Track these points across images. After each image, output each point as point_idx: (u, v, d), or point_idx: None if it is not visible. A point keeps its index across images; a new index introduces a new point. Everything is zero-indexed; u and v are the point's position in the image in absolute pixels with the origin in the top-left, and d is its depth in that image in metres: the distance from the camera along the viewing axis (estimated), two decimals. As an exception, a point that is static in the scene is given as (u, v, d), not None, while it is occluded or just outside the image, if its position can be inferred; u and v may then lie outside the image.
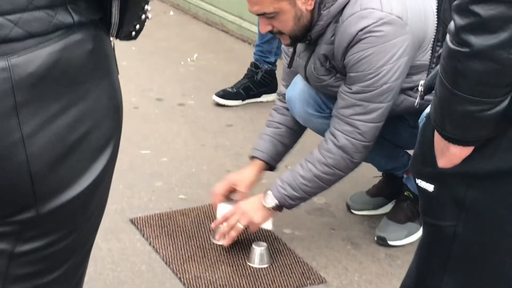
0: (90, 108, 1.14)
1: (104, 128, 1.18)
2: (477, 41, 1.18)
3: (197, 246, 2.72)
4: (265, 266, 2.63)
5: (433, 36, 1.47)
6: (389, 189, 3.03)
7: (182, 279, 2.52)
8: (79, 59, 1.12)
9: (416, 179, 1.46)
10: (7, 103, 1.06)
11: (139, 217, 2.89)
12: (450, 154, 1.35)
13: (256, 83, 4.05)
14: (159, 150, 3.49)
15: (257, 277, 2.55)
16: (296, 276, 2.57)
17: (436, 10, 1.46)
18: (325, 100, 2.80)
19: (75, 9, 1.11)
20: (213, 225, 2.70)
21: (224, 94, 4.01)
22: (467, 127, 1.30)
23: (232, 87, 4.05)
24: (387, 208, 3.01)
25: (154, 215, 2.91)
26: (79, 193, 1.16)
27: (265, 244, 2.67)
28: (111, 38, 1.24)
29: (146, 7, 1.27)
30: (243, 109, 3.99)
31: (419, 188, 1.46)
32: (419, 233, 2.86)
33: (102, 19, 1.20)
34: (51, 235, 1.18)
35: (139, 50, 4.78)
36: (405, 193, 2.92)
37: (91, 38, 1.14)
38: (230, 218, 2.62)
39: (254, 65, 4.08)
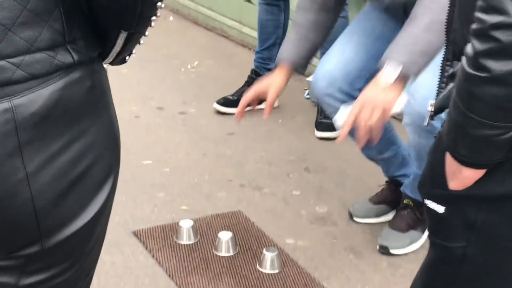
0: (91, 143, 1.16)
1: (105, 161, 1.20)
2: (497, 66, 1.18)
3: (200, 258, 2.73)
4: (276, 271, 2.64)
5: (443, 56, 1.45)
6: (392, 197, 3.04)
7: (186, 292, 2.54)
8: (79, 97, 1.14)
9: (425, 200, 1.46)
10: (11, 143, 1.08)
11: (142, 229, 2.91)
12: (462, 177, 1.34)
13: (257, 90, 4.05)
14: (161, 160, 3.50)
15: (260, 289, 2.56)
16: (299, 288, 2.59)
17: (445, 30, 1.45)
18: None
19: (75, 48, 1.13)
20: (346, 127, 2.33)
21: (225, 102, 4.02)
22: (481, 151, 1.29)
23: (232, 95, 4.06)
24: (390, 216, 3.02)
25: (157, 227, 2.92)
26: (82, 226, 1.18)
27: (276, 250, 2.68)
28: (105, 65, 1.26)
29: (147, 33, 1.29)
30: (244, 117, 3.99)
31: (427, 209, 1.46)
32: (421, 241, 2.87)
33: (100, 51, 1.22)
34: (55, 267, 1.19)
35: (140, 57, 4.74)
36: (405, 201, 2.93)
37: (90, 74, 1.16)
38: (360, 113, 2.27)
39: (254, 72, 4.09)
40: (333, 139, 3.74)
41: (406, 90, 2.55)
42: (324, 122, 3.78)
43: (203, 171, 3.42)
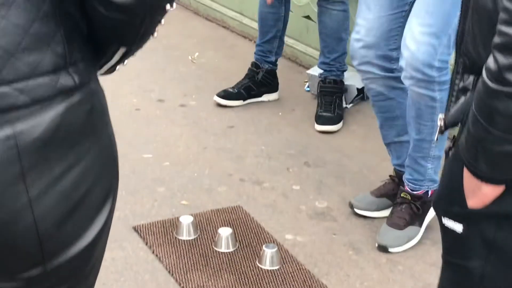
0: (91, 165, 1.16)
1: (104, 181, 1.20)
2: None
3: (200, 254, 2.74)
4: (276, 268, 2.66)
5: (453, 68, 1.42)
6: (395, 191, 3.04)
7: (185, 289, 2.55)
8: (79, 120, 1.14)
9: (442, 218, 1.42)
10: (14, 169, 1.09)
11: (142, 225, 2.92)
12: (481, 194, 1.31)
13: (257, 83, 4.06)
14: (161, 154, 3.51)
15: (259, 286, 2.58)
16: (298, 284, 2.60)
17: (454, 42, 1.43)
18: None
19: (76, 71, 1.14)
20: None
21: (225, 95, 4.02)
22: (503, 167, 1.26)
23: (233, 87, 4.06)
24: (391, 210, 3.03)
25: (157, 222, 2.94)
26: (84, 247, 1.19)
27: (275, 246, 2.70)
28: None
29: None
30: (244, 110, 4.00)
31: (444, 228, 1.42)
32: (419, 236, 2.89)
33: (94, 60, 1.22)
34: None
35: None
36: (402, 195, 2.94)
37: (89, 96, 1.16)
38: None
39: (254, 65, 4.08)
40: (333, 132, 3.76)
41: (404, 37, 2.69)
42: (324, 116, 3.79)
43: (203, 165, 3.42)
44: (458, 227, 1.37)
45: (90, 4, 1.16)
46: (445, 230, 1.42)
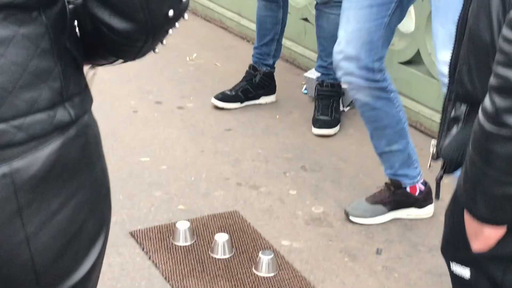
0: (86, 198, 1.17)
1: (98, 213, 1.21)
2: None
3: (196, 260, 2.75)
4: (272, 275, 2.67)
5: (444, 94, 1.42)
6: (390, 198, 3.06)
7: (182, 296, 2.57)
8: (75, 154, 1.15)
9: (450, 263, 1.40)
10: (10, 207, 1.09)
11: (139, 230, 2.93)
12: (484, 237, 1.29)
13: (255, 86, 4.07)
14: (158, 157, 3.52)
15: (255, 293, 2.59)
16: (294, 291, 2.61)
17: (449, 68, 1.40)
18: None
19: (72, 105, 1.14)
20: None
21: (223, 97, 4.03)
22: (504, 209, 1.24)
23: (230, 90, 4.07)
24: (386, 217, 3.05)
25: (154, 227, 2.95)
26: (80, 278, 1.20)
27: (271, 253, 2.71)
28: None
29: None
30: (242, 112, 4.01)
31: (453, 275, 1.40)
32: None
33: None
34: None
35: (138, 49, 4.78)
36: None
37: (84, 129, 1.17)
38: None
39: (252, 68, 4.09)
40: (330, 136, 3.77)
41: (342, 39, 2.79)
42: (321, 119, 3.80)
43: (200, 168, 3.43)
44: (466, 273, 1.35)
45: (95, 26, 1.17)
46: (454, 276, 1.40)
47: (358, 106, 2.95)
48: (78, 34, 1.20)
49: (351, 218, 3.03)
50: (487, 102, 1.17)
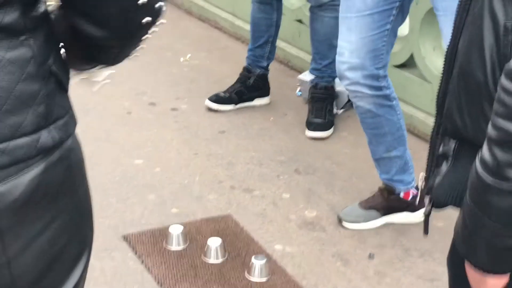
0: (68, 220, 1.17)
1: (80, 235, 1.21)
2: None
3: (189, 265, 2.75)
4: (265, 279, 2.67)
5: (432, 132, 1.38)
6: (383, 203, 3.07)
7: (174, 301, 2.57)
8: (58, 178, 1.14)
9: None
10: None
11: (132, 234, 2.93)
12: (487, 287, 1.26)
13: (249, 88, 4.07)
14: (152, 159, 3.52)
15: (248, 298, 2.60)
16: (286, 297, 2.62)
17: (437, 101, 1.37)
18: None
19: (56, 129, 1.14)
20: None
21: (216, 99, 4.03)
22: (506, 259, 1.22)
23: (224, 92, 4.07)
24: (379, 222, 3.06)
25: (147, 231, 2.95)
26: None
27: (264, 257, 2.71)
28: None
29: None
30: (235, 114, 4.01)
31: None
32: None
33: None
34: None
35: (133, 49, 4.78)
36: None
37: (68, 153, 1.17)
38: None
39: (246, 70, 4.10)
40: (324, 138, 3.77)
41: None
42: (315, 122, 3.80)
43: (194, 171, 3.44)
44: None
45: (72, 33, 1.18)
46: None
47: (360, 113, 2.94)
48: (64, 57, 1.21)
49: (344, 224, 3.04)
50: (486, 154, 1.14)
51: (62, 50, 1.20)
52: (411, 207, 3.06)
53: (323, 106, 3.85)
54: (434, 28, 3.53)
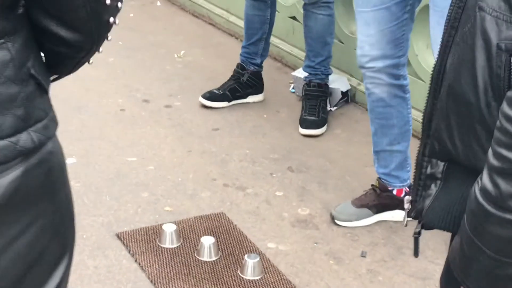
0: (48, 224, 1.18)
1: (61, 239, 1.22)
2: None
3: (182, 263, 2.76)
4: (257, 278, 2.68)
5: (418, 148, 1.36)
6: (375, 201, 3.08)
7: (167, 299, 2.58)
8: (37, 181, 1.15)
9: None
10: None
11: (125, 232, 2.93)
12: None
13: (242, 85, 4.07)
14: (146, 157, 3.52)
15: (240, 296, 2.61)
16: (279, 295, 2.63)
17: (423, 120, 1.34)
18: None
19: (35, 131, 1.14)
20: None
21: (210, 96, 4.04)
22: (506, 286, 1.19)
23: (218, 89, 4.07)
24: (372, 220, 3.07)
25: (140, 229, 2.96)
26: None
27: (257, 256, 2.72)
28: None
29: None
30: (229, 111, 4.02)
31: None
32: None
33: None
34: None
35: (126, 45, 4.78)
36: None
37: (48, 156, 1.17)
38: None
39: (240, 67, 4.10)
40: (317, 136, 3.78)
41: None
42: (308, 119, 3.81)
43: (188, 169, 3.44)
44: None
45: (52, 33, 1.18)
46: None
47: (372, 101, 2.95)
48: (44, 60, 1.21)
49: (337, 222, 3.05)
50: (487, 183, 1.11)
51: (42, 53, 1.20)
52: (403, 204, 3.07)
53: (316, 103, 3.86)
54: (427, 26, 3.53)
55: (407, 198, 1.39)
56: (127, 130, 3.77)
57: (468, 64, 1.18)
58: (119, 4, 1.22)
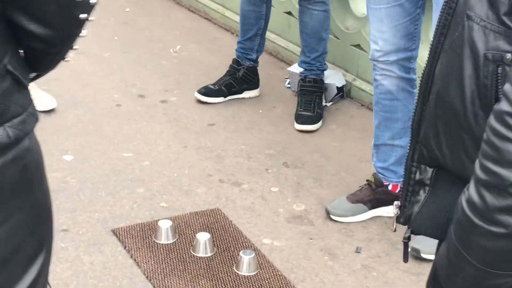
0: (22, 220, 1.18)
1: (37, 235, 1.22)
2: None
3: (178, 259, 2.78)
4: (253, 274, 2.70)
5: (407, 153, 1.36)
6: (370, 196, 3.09)
7: (163, 295, 2.59)
8: (12, 178, 1.15)
9: None
10: None
11: (121, 228, 2.95)
12: None
13: (238, 80, 4.08)
14: (141, 152, 3.53)
15: (236, 292, 2.62)
16: (274, 291, 2.64)
17: (412, 125, 1.34)
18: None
19: (12, 126, 1.14)
20: None
21: (206, 92, 4.04)
22: None
23: (214, 84, 4.08)
24: (367, 215, 3.08)
25: (136, 225, 2.97)
26: None
27: (252, 252, 2.74)
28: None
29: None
30: (225, 107, 4.03)
31: None
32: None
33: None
34: None
35: (122, 41, 4.79)
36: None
37: (24, 152, 1.17)
38: None
39: (236, 62, 4.10)
40: (312, 131, 3.79)
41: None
42: (304, 115, 3.82)
43: (183, 165, 3.45)
44: None
45: (24, 29, 1.19)
46: None
47: (379, 93, 2.98)
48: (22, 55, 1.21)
49: (332, 217, 3.07)
50: (474, 195, 1.11)
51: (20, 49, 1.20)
52: (398, 199, 3.08)
53: (311, 99, 3.87)
54: (426, 22, 3.53)
55: (396, 203, 1.39)
56: (123, 125, 3.78)
57: (456, 72, 1.18)
58: (91, 0, 1.22)
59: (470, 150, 1.18)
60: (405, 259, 1.46)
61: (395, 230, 1.45)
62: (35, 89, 3.91)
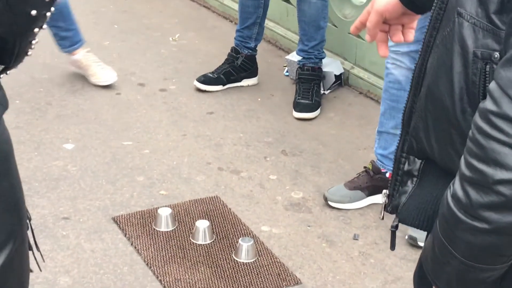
0: None
1: (6, 224, 1.22)
2: (499, 218, 1.09)
3: (178, 246, 2.81)
4: (251, 260, 2.74)
5: (397, 144, 1.38)
6: (368, 183, 3.13)
7: (163, 282, 2.63)
8: None
9: None
10: None
11: (121, 215, 2.98)
12: None
13: (237, 68, 4.11)
14: (141, 141, 3.56)
15: (234, 279, 2.66)
16: (272, 277, 2.68)
17: (402, 118, 1.35)
18: None
19: None
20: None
21: (205, 80, 4.07)
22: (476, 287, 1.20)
23: (212, 72, 4.11)
24: (364, 202, 3.12)
25: (136, 213, 3.00)
26: None
27: (251, 239, 2.77)
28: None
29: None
30: (223, 95, 4.05)
31: None
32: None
33: None
34: None
35: (121, 29, 4.81)
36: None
37: None
38: None
39: (234, 50, 4.13)
40: (311, 119, 3.82)
41: None
42: (302, 103, 3.85)
43: (183, 153, 3.48)
44: None
45: None
46: None
47: (388, 81, 3.01)
48: None
49: (330, 203, 3.10)
50: (459, 191, 1.12)
51: None
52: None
53: (310, 87, 3.89)
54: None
55: (385, 191, 1.41)
56: (123, 114, 3.81)
57: (446, 68, 1.19)
58: None
59: (457, 146, 1.20)
60: (392, 247, 1.48)
61: (382, 218, 1.46)
62: (93, 65, 3.98)
